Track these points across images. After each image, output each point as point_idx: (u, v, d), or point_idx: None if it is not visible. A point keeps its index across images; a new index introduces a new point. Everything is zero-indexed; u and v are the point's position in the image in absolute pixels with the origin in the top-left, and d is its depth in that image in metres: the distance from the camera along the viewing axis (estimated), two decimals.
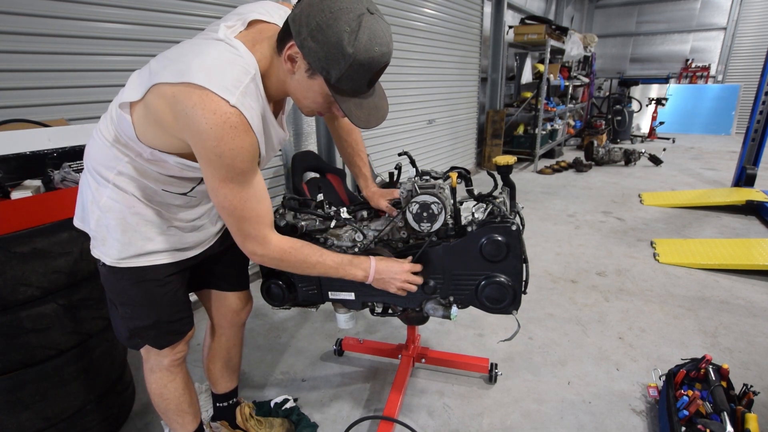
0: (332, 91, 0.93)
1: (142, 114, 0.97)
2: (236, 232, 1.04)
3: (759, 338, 2.23)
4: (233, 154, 0.90)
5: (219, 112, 0.86)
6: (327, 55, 0.87)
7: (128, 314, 1.17)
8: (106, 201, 1.06)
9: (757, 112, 4.41)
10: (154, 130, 0.97)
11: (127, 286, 1.14)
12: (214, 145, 0.88)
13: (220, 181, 0.94)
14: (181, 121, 0.89)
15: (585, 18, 11.21)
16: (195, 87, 0.86)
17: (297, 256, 1.11)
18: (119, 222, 1.07)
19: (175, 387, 1.32)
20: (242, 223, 1.02)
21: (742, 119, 9.01)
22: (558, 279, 2.92)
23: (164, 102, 0.90)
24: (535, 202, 4.76)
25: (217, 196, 0.97)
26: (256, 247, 1.05)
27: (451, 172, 1.39)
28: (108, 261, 1.10)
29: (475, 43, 5.69)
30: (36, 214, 1.31)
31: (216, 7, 2.46)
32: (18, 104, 1.80)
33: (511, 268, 1.28)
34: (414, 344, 1.93)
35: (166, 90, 0.89)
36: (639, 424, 1.70)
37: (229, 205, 0.98)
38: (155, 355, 1.26)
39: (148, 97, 0.94)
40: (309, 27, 0.85)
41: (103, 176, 1.05)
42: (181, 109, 0.87)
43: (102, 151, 1.05)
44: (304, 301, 1.49)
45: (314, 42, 0.86)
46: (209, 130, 0.86)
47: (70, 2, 1.89)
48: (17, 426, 1.33)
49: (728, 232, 3.71)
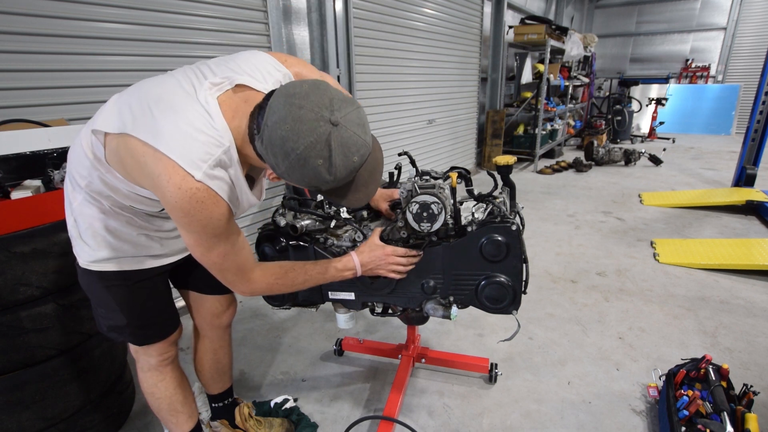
0: (324, 197, 0.97)
1: (114, 148, 0.94)
2: (221, 279, 1.06)
3: (759, 338, 2.23)
4: (203, 224, 0.90)
5: (184, 187, 0.85)
6: (310, 182, 0.87)
7: (102, 313, 1.19)
8: (78, 206, 1.07)
9: (757, 112, 4.41)
10: (125, 171, 0.95)
11: (98, 288, 1.14)
12: (181, 216, 0.89)
13: (195, 243, 0.96)
14: (149, 182, 0.90)
15: (585, 18, 11.21)
16: (162, 156, 0.85)
17: (284, 282, 1.14)
18: (89, 227, 1.07)
19: (166, 386, 1.32)
20: (224, 274, 1.04)
21: (742, 119, 9.01)
22: (558, 279, 2.92)
23: (134, 159, 0.89)
24: (535, 202, 4.76)
25: (195, 253, 0.99)
26: (242, 288, 1.09)
27: (451, 172, 1.39)
28: (80, 262, 1.12)
29: (475, 43, 5.69)
30: (36, 214, 1.32)
31: (216, 7, 2.46)
32: (18, 104, 1.80)
33: (511, 268, 1.28)
34: (414, 344, 1.93)
35: (137, 147, 0.88)
36: (639, 424, 1.70)
37: (208, 261, 1.00)
38: (143, 354, 1.27)
39: (119, 141, 0.91)
40: (282, 167, 0.84)
41: (76, 182, 1.06)
42: (149, 172, 0.87)
43: (79, 159, 1.03)
44: (304, 301, 1.49)
45: (293, 177, 0.86)
46: (175, 203, 0.87)
47: (70, 2, 1.89)
48: (17, 426, 1.33)
49: (728, 232, 3.71)
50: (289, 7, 3.02)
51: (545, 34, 5.88)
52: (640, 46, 11.09)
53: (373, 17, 3.71)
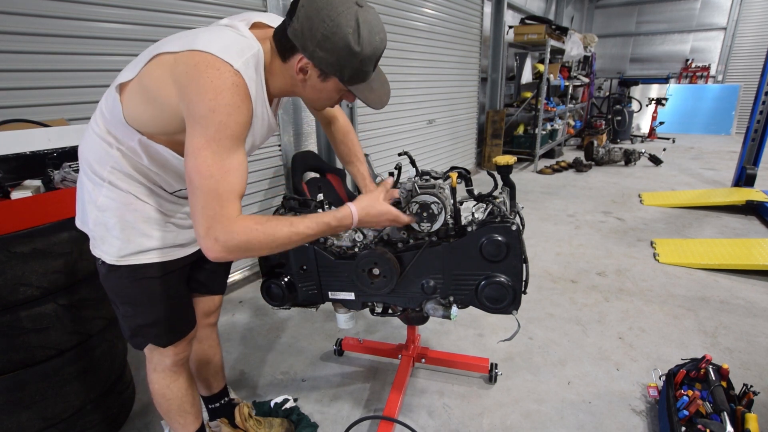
0: (347, 86, 1.01)
1: (135, 91, 0.97)
2: (202, 213, 0.89)
3: (759, 338, 2.23)
4: (229, 111, 0.88)
5: (222, 69, 0.88)
6: (338, 59, 0.93)
7: (129, 313, 1.17)
8: (103, 200, 1.06)
9: (757, 112, 4.41)
10: (144, 107, 0.97)
11: (126, 284, 1.13)
12: (211, 98, 0.86)
13: (206, 142, 0.87)
14: (178, 83, 0.90)
15: (585, 18, 11.21)
16: (199, 52, 0.88)
17: (266, 231, 0.94)
18: (118, 220, 1.07)
19: (178, 387, 1.31)
20: (212, 200, 0.89)
21: (742, 119, 9.01)
22: (558, 279, 2.92)
23: (163, 68, 0.92)
24: (535, 202, 4.76)
25: (196, 160, 0.88)
26: (219, 232, 0.89)
27: (451, 172, 1.39)
28: (108, 259, 1.10)
29: (475, 43, 5.69)
30: (36, 214, 1.31)
31: (216, 7, 2.46)
32: (18, 104, 1.80)
33: (511, 268, 1.28)
34: (414, 344, 1.93)
35: (168, 58, 0.92)
36: (639, 424, 1.70)
37: (207, 171, 0.88)
38: (158, 355, 1.26)
39: (144, 71, 0.95)
40: (315, 39, 0.91)
41: (98, 175, 1.05)
42: (181, 69, 0.89)
43: (94, 147, 1.05)
44: (304, 301, 1.49)
45: (324, 51, 0.92)
46: (209, 83, 0.86)
47: (70, 2, 1.89)
48: (17, 426, 1.33)
49: (728, 232, 3.71)
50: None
51: (545, 34, 5.88)
52: (640, 46, 11.09)
53: None
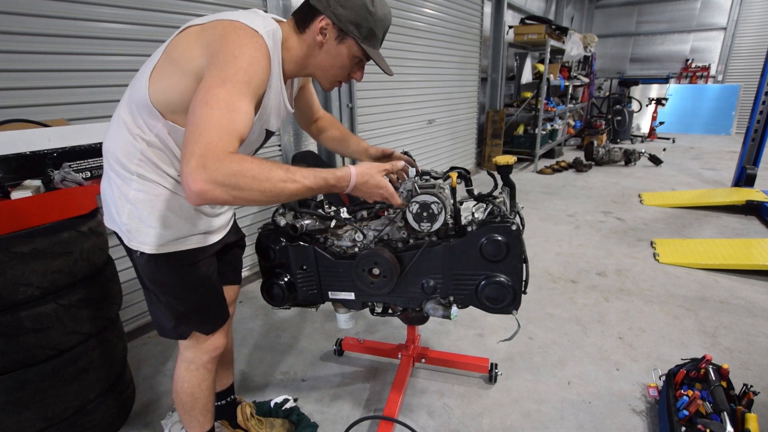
0: (364, 45, 1.09)
1: (162, 66, 1.01)
2: (193, 141, 0.83)
3: (759, 338, 2.23)
4: (250, 61, 0.92)
5: (248, 31, 0.95)
6: (356, 16, 1.05)
7: (171, 302, 1.18)
8: (134, 193, 1.08)
9: (757, 112, 4.41)
10: (170, 79, 1.00)
11: (166, 272, 1.15)
12: (236, 47, 0.92)
13: (221, 81, 0.88)
14: (204, 42, 0.96)
15: (585, 18, 11.21)
16: (227, 20, 0.97)
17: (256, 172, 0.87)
18: (151, 210, 1.09)
19: (207, 386, 1.33)
20: (211, 129, 0.84)
21: (742, 119, 9.01)
22: (558, 279, 2.92)
23: (189, 37, 0.99)
24: (535, 202, 4.76)
25: (206, 94, 0.86)
26: (210, 160, 0.82)
27: (451, 172, 1.39)
28: (147, 249, 1.11)
29: (475, 43, 5.69)
30: (36, 214, 1.32)
31: (216, 7, 2.46)
32: (18, 104, 1.80)
33: (511, 268, 1.28)
34: (414, 344, 1.93)
35: (195, 28, 1.00)
36: (639, 424, 1.70)
37: (214, 104, 0.85)
38: (196, 350, 1.26)
39: (170, 45, 1.01)
40: (337, 1, 1.04)
41: (126, 169, 1.07)
42: (208, 32, 0.97)
43: (120, 141, 1.07)
44: (304, 301, 1.49)
45: (344, 9, 1.04)
46: (236, 38, 0.93)
47: (70, 2, 1.89)
48: (17, 426, 1.33)
49: (728, 232, 3.71)
50: (289, 8, 3.02)
51: (545, 34, 5.88)
52: (640, 46, 11.09)
53: None
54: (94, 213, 1.55)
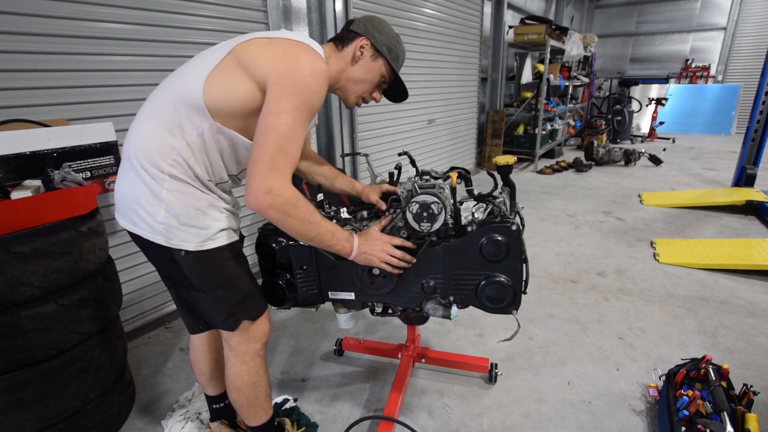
0: (392, 65, 1.28)
1: (223, 69, 1.07)
2: (267, 163, 1.01)
3: (759, 338, 2.23)
4: (316, 90, 1.07)
5: (318, 57, 1.09)
6: (389, 41, 1.27)
7: (221, 296, 1.20)
8: (167, 193, 1.09)
9: (757, 112, 4.41)
10: (232, 80, 1.06)
11: (213, 267, 1.17)
12: (308, 75, 1.05)
13: (292, 107, 1.03)
14: (273, 53, 1.06)
15: (585, 18, 11.21)
16: (296, 40, 1.10)
17: (305, 207, 1.09)
18: (187, 209, 1.11)
19: (264, 371, 1.35)
20: (279, 156, 1.02)
21: (742, 119, 9.01)
22: (558, 279, 2.92)
23: (256, 46, 1.09)
24: (535, 202, 4.76)
25: (278, 119, 1.02)
26: (275, 183, 1.01)
27: (451, 172, 1.39)
28: (190, 247, 1.13)
29: (475, 43, 5.69)
30: (36, 214, 1.32)
31: (216, 7, 2.46)
32: (18, 104, 1.80)
33: (511, 268, 1.28)
34: (414, 344, 1.93)
35: (262, 41, 1.10)
36: (639, 424, 1.70)
37: (284, 131, 1.02)
38: (249, 341, 1.28)
39: (236, 49, 1.09)
40: (374, 29, 1.26)
41: (159, 168, 1.08)
42: (278, 47, 1.08)
43: (155, 140, 1.08)
44: (304, 301, 1.49)
45: (380, 35, 1.26)
46: (309, 64, 1.06)
47: (70, 2, 1.89)
48: (17, 426, 1.33)
49: (728, 232, 3.71)
50: (289, 8, 3.02)
51: (545, 34, 5.88)
52: (640, 46, 11.09)
53: None
54: (94, 213, 1.55)
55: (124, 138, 1.17)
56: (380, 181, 1.63)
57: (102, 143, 1.68)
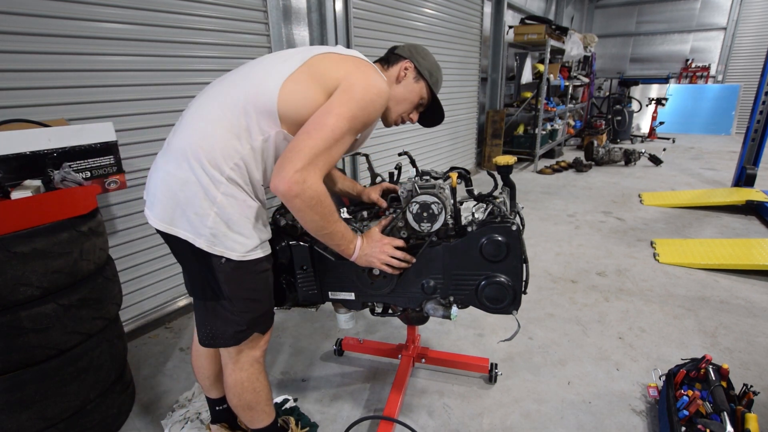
0: (433, 88, 1.35)
1: (299, 78, 1.10)
2: (309, 155, 1.03)
3: (759, 338, 2.23)
4: (376, 108, 1.13)
5: (384, 81, 1.17)
6: (431, 66, 1.34)
7: (250, 307, 1.20)
8: (222, 198, 1.08)
9: (757, 112, 4.41)
10: (306, 89, 1.10)
11: (251, 278, 1.17)
12: (375, 93, 1.12)
13: (351, 116, 1.07)
14: (345, 67, 1.13)
15: (585, 18, 11.21)
16: (365, 61, 1.20)
17: (329, 205, 1.11)
18: (239, 216, 1.11)
19: (265, 376, 1.34)
20: (323, 154, 1.05)
21: (742, 119, 9.01)
22: (558, 279, 2.92)
23: (331, 60, 1.15)
24: (535, 202, 4.76)
25: (336, 121, 1.06)
26: (310, 176, 1.03)
27: (451, 172, 1.39)
28: (234, 256, 1.11)
29: (475, 43, 5.69)
30: (36, 214, 1.32)
31: (216, 7, 2.46)
32: (18, 104, 1.80)
33: (511, 268, 1.28)
34: (414, 344, 1.93)
35: (335, 56, 1.16)
36: (639, 424, 1.70)
37: (337, 133, 1.06)
38: (251, 349, 1.28)
39: (311, 61, 1.13)
40: (418, 54, 1.33)
41: (219, 170, 1.07)
42: (352, 63, 1.15)
43: (219, 142, 1.07)
44: (304, 301, 1.49)
45: (423, 59, 1.33)
46: (376, 84, 1.13)
47: (70, 2, 1.89)
48: (17, 426, 1.33)
49: (728, 232, 3.71)
50: (289, 7, 3.02)
51: (545, 34, 5.88)
52: (640, 46, 11.09)
53: (373, 17, 3.71)
54: (94, 213, 1.55)
55: (124, 138, 1.17)
56: (380, 181, 1.63)
57: (102, 143, 1.67)
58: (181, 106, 2.37)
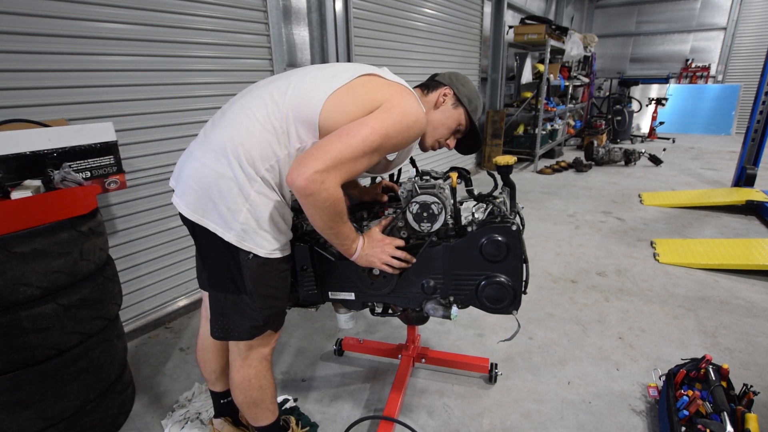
0: (471, 115, 1.36)
1: (342, 94, 1.12)
2: (334, 158, 1.03)
3: (759, 338, 2.23)
4: (410, 136, 1.16)
5: (423, 113, 1.20)
6: (470, 94, 1.36)
7: (269, 304, 1.22)
8: (255, 195, 1.11)
9: (757, 112, 4.41)
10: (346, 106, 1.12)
11: (274, 275, 1.20)
12: (412, 120, 1.14)
13: (385, 135, 1.09)
14: (388, 91, 1.15)
15: (585, 18, 11.21)
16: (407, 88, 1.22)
17: (342, 209, 1.11)
18: (270, 214, 1.14)
19: (271, 374, 1.36)
20: (348, 162, 1.05)
21: (742, 119, 9.01)
22: (558, 279, 2.92)
23: (374, 83, 1.17)
24: (535, 202, 4.76)
25: (369, 134, 1.07)
26: (330, 179, 1.03)
27: (451, 172, 1.39)
28: (262, 253, 1.15)
29: (475, 43, 5.69)
30: (36, 214, 1.32)
31: (216, 7, 2.46)
32: (18, 104, 1.80)
33: (511, 268, 1.28)
34: (414, 344, 1.93)
35: (379, 80, 1.19)
36: (639, 424, 1.70)
37: (368, 146, 1.07)
38: (261, 346, 1.30)
39: (355, 82, 1.15)
40: (458, 81, 1.36)
41: (255, 169, 1.10)
42: (395, 89, 1.17)
43: (260, 142, 1.10)
44: (304, 301, 1.49)
45: (463, 87, 1.36)
46: (415, 113, 1.16)
47: (70, 2, 1.89)
48: (17, 426, 1.33)
49: (728, 232, 3.71)
50: (289, 7, 3.02)
51: (545, 34, 5.88)
52: (640, 46, 11.09)
53: (373, 17, 3.71)
54: (94, 213, 1.55)
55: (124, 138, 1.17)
56: (379, 181, 1.63)
57: (102, 143, 1.67)
58: (181, 106, 2.40)
